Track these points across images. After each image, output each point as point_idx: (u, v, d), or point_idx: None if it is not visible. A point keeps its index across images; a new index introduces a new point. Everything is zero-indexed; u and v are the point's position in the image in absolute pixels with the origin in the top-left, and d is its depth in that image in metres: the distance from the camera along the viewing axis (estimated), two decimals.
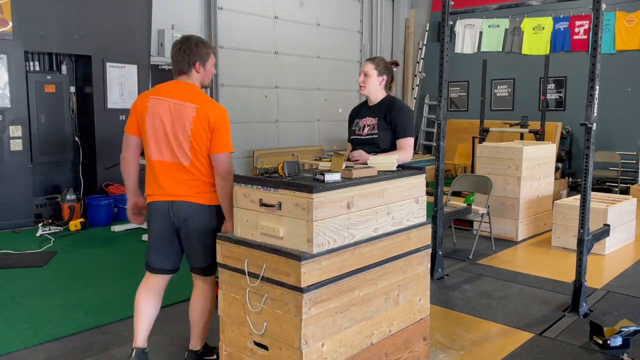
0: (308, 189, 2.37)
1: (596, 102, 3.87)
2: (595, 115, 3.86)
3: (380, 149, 3.47)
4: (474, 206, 5.71)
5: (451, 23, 8.38)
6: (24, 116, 6.79)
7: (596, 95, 3.86)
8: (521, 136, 9.02)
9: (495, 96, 11.41)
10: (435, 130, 11.63)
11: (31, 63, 7.01)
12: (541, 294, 4.47)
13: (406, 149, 3.45)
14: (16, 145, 6.71)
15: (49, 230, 6.49)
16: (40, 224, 6.68)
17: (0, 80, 6.55)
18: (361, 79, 3.60)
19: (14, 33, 6.57)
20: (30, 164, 6.90)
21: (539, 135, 8.60)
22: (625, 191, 8.73)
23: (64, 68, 7.30)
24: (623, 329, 3.45)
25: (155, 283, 3.06)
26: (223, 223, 3.01)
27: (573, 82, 10.32)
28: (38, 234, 6.35)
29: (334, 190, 2.47)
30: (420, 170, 3.01)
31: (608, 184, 9.49)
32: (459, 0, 5.54)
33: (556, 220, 5.97)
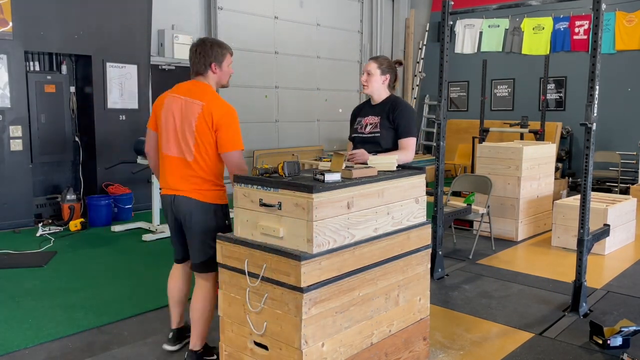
0: (308, 189, 2.37)
1: (596, 102, 3.87)
2: (595, 115, 3.87)
3: (382, 148, 3.45)
4: (474, 206, 5.71)
5: (451, 23, 8.38)
6: (24, 116, 6.79)
7: (596, 95, 3.86)
8: (521, 136, 9.02)
9: (495, 96, 11.41)
10: (435, 130, 11.63)
11: (31, 63, 7.01)
12: (541, 294, 4.47)
13: (408, 149, 3.43)
14: (16, 145, 6.71)
15: (49, 230, 6.49)
16: (40, 224, 6.68)
17: (0, 80, 6.55)
18: (364, 77, 3.57)
19: (14, 33, 6.57)
20: (30, 164, 6.90)
21: (539, 135, 8.60)
22: (625, 191, 8.73)
23: (64, 68, 7.30)
24: (623, 329, 3.45)
25: (178, 268, 3.32)
26: (225, 223, 3.04)
27: (573, 82, 10.31)
28: (38, 234, 6.35)
29: (334, 190, 2.47)
30: (420, 170, 3.01)
31: (608, 184, 9.49)
32: (459, 0, 5.54)
33: (556, 220, 5.97)
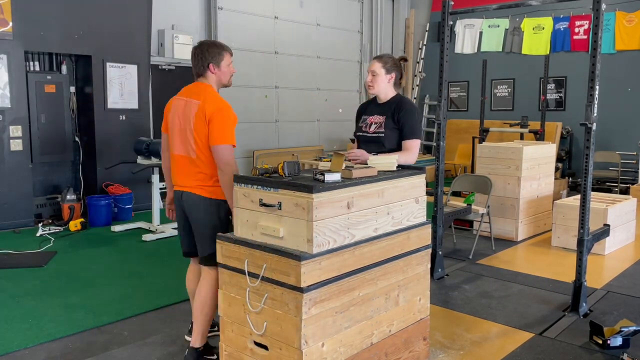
0: (308, 189, 2.37)
1: (596, 102, 3.87)
2: (595, 115, 3.86)
3: (386, 148, 3.41)
4: (474, 206, 5.71)
5: (451, 23, 8.38)
6: (24, 116, 6.79)
7: (596, 95, 3.86)
8: (521, 136, 9.02)
9: (495, 96, 11.41)
10: (435, 130, 11.63)
11: (31, 63, 7.01)
12: (541, 294, 4.47)
13: (411, 150, 3.39)
14: (16, 145, 6.71)
15: (49, 230, 6.49)
16: (40, 224, 6.68)
17: (0, 80, 6.55)
18: (369, 78, 3.51)
19: (14, 33, 6.57)
20: (30, 164, 6.90)
21: (539, 135, 8.60)
22: (625, 191, 8.73)
23: (64, 68, 7.30)
24: (623, 329, 3.45)
25: (194, 263, 3.38)
26: (228, 219, 3.09)
27: (573, 82, 10.31)
28: (38, 234, 6.35)
29: (334, 190, 2.47)
30: (420, 170, 3.01)
31: (608, 184, 9.49)
32: (459, 0, 5.54)
33: (556, 220, 5.97)
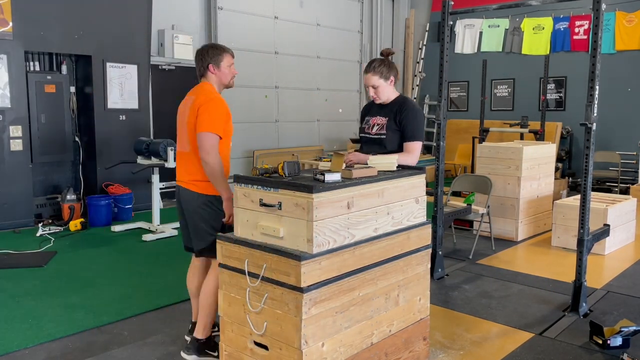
0: (308, 189, 2.37)
1: (596, 102, 3.87)
2: (595, 115, 3.86)
3: (387, 150, 3.39)
4: (474, 206, 5.71)
5: (451, 23, 8.39)
6: (24, 116, 6.79)
7: (596, 95, 3.86)
8: (521, 136, 9.02)
9: (495, 96, 11.41)
10: (435, 130, 11.63)
11: (31, 63, 7.01)
12: (541, 294, 4.47)
13: (412, 152, 3.36)
14: (16, 145, 6.71)
15: (49, 230, 6.49)
16: (40, 224, 6.68)
17: (0, 80, 6.55)
18: (372, 93, 3.46)
19: (14, 33, 6.57)
20: (30, 164, 6.90)
21: (539, 135, 8.60)
22: (625, 191, 8.73)
23: (64, 68, 7.30)
24: (623, 329, 3.45)
25: (194, 261, 3.42)
26: (222, 213, 3.13)
27: (573, 82, 10.31)
28: (38, 234, 6.35)
29: (334, 190, 2.47)
30: (420, 170, 3.01)
31: (608, 184, 9.49)
32: (459, 0, 5.54)
33: (556, 220, 5.97)
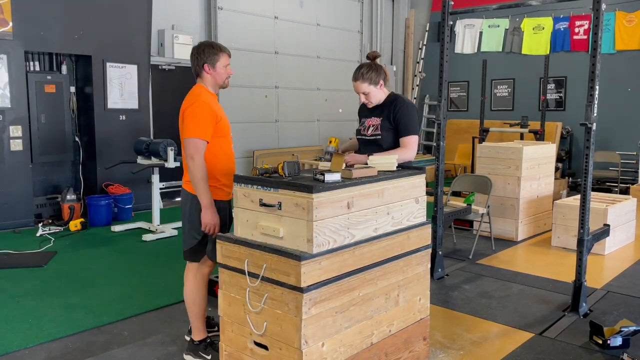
0: (308, 189, 2.37)
1: (596, 102, 3.87)
2: (595, 115, 3.86)
3: (384, 150, 3.42)
4: (474, 206, 5.71)
5: (451, 23, 8.38)
6: (24, 116, 6.79)
7: (596, 95, 3.86)
8: (521, 136, 9.02)
9: (495, 96, 11.41)
10: (435, 130, 11.63)
11: (31, 63, 7.01)
12: (541, 294, 4.47)
13: (409, 147, 3.39)
14: (16, 145, 6.71)
15: (49, 230, 6.49)
16: (40, 224, 6.68)
17: (0, 80, 6.55)
18: (363, 99, 3.48)
19: (14, 33, 6.57)
20: (30, 164, 6.90)
21: (539, 135, 8.60)
22: (625, 191, 8.73)
23: (64, 68, 7.30)
24: (623, 329, 3.45)
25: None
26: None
27: (573, 82, 10.31)
28: (38, 234, 6.35)
29: (334, 190, 2.47)
30: (420, 170, 3.01)
31: (608, 184, 9.49)
32: (459, 0, 5.54)
33: (556, 220, 5.97)
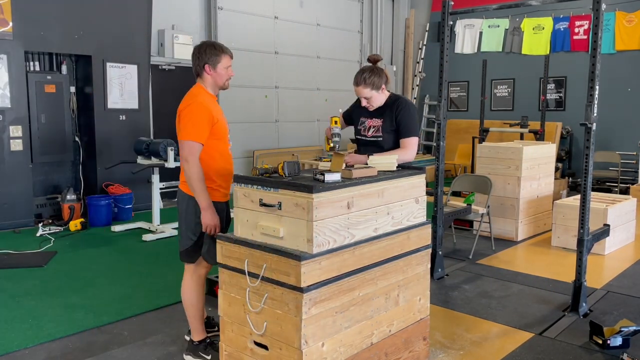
0: (308, 189, 2.37)
1: (596, 102, 3.87)
2: (595, 115, 3.86)
3: (384, 151, 3.42)
4: (474, 206, 5.71)
5: (451, 23, 8.38)
6: (24, 116, 6.79)
7: (596, 95, 3.86)
8: (521, 136, 9.02)
9: (495, 96, 11.41)
10: (435, 130, 11.63)
11: (31, 63, 7.01)
12: (541, 294, 4.47)
13: (409, 148, 3.40)
14: (16, 145, 6.71)
15: (49, 230, 6.49)
16: (40, 224, 6.68)
17: (0, 80, 6.55)
18: (364, 103, 3.48)
19: (14, 33, 6.57)
20: (30, 164, 6.90)
21: (539, 135, 8.60)
22: (625, 191, 8.73)
23: (64, 68, 7.30)
24: (623, 329, 3.45)
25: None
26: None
27: (573, 82, 10.31)
28: (38, 234, 6.35)
29: (334, 190, 2.47)
30: (420, 170, 3.01)
31: (608, 184, 9.49)
32: (459, 0, 5.54)
33: (556, 220, 5.97)
